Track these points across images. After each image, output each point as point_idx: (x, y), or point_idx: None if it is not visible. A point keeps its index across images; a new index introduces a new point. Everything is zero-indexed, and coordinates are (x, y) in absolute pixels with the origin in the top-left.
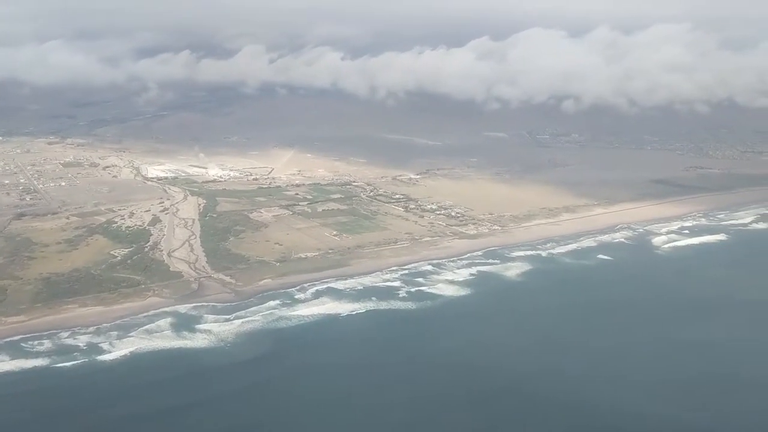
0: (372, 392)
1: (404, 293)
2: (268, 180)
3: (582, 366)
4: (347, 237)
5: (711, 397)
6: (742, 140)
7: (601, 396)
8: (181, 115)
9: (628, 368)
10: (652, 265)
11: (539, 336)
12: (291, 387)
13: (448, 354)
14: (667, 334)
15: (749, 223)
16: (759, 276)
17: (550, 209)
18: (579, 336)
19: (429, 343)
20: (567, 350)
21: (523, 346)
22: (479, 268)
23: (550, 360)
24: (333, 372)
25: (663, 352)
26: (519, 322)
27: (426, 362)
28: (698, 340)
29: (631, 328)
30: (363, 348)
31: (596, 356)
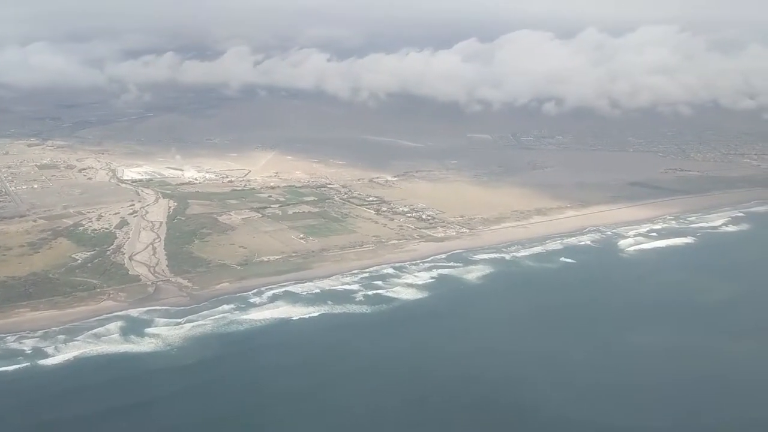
0: (306, 395)
1: (361, 297)
2: (243, 182)
3: (518, 369)
4: (313, 240)
5: (651, 403)
6: (725, 142)
7: (533, 400)
8: (164, 117)
9: (565, 372)
10: (614, 268)
11: (484, 340)
12: (227, 390)
13: (388, 357)
14: (614, 338)
15: (719, 226)
16: (718, 279)
17: (521, 212)
18: (523, 340)
19: (372, 347)
20: (508, 354)
21: (466, 349)
22: (441, 271)
23: (488, 363)
24: (271, 375)
25: (605, 357)
26: (468, 326)
27: (364, 366)
28: (646, 344)
29: (579, 333)
30: (305, 351)
31: (536, 360)
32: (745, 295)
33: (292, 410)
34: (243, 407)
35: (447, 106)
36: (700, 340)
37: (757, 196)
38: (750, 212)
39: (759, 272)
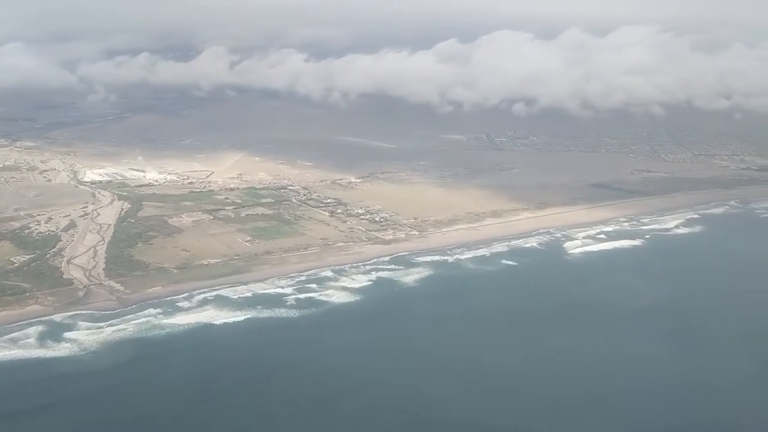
0: (206, 399)
1: (292, 300)
2: (203, 184)
3: (424, 373)
4: (259, 243)
5: (552, 409)
6: (700, 143)
7: (430, 403)
8: (139, 118)
9: (470, 376)
10: (553, 270)
11: (400, 343)
12: (127, 395)
13: (298, 361)
14: (531, 342)
15: (671, 228)
16: (654, 282)
17: (476, 214)
18: (440, 343)
19: (285, 351)
20: (419, 357)
21: (380, 353)
22: (380, 274)
23: (397, 367)
24: (177, 380)
25: (517, 361)
26: (390, 329)
27: (270, 370)
28: (561, 348)
29: (497, 336)
30: (217, 356)
31: (445, 363)
32: (675, 298)
33: (190, 415)
34: (142, 412)
35: (422, 107)
36: (617, 344)
37: (717, 197)
38: (706, 214)
39: (695, 275)
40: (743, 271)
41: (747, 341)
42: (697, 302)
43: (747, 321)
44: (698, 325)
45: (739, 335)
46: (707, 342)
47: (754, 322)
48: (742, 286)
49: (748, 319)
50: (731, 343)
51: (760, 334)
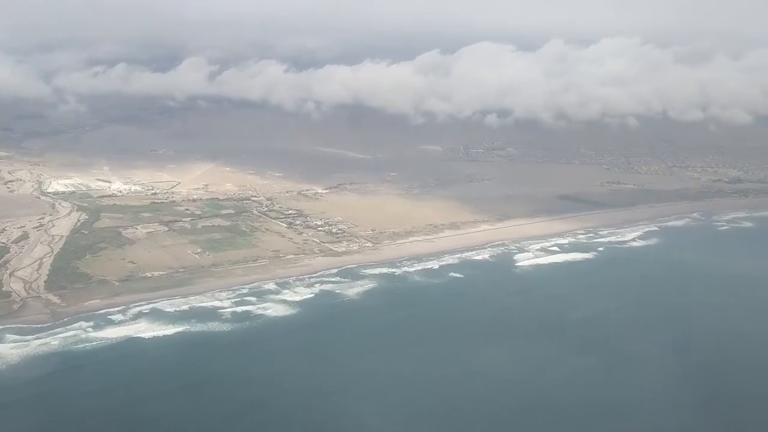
0: (116, 411)
1: (228, 314)
2: (167, 194)
3: (340, 385)
4: (209, 255)
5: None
6: (675, 155)
7: (341, 415)
8: (114, 128)
9: (385, 389)
10: (497, 283)
11: (321, 357)
12: (39, 409)
13: (216, 375)
14: (457, 355)
15: (627, 241)
16: (595, 296)
17: (435, 225)
18: (366, 357)
19: (205, 364)
20: (339, 371)
21: (301, 367)
22: (324, 286)
23: (315, 381)
24: (91, 393)
25: (439, 374)
26: (319, 343)
27: (185, 383)
28: (485, 361)
29: (421, 349)
30: (136, 370)
31: (364, 377)
32: (607, 311)
33: (97, 428)
34: (54, 426)
35: (400, 118)
36: (535, 358)
37: (681, 209)
38: (665, 226)
39: (635, 289)
40: (685, 284)
41: (664, 357)
42: (627, 316)
43: (671, 335)
44: (621, 339)
45: (659, 350)
46: (625, 356)
47: (678, 336)
48: (678, 299)
49: (672, 334)
50: (648, 359)
51: (679, 350)
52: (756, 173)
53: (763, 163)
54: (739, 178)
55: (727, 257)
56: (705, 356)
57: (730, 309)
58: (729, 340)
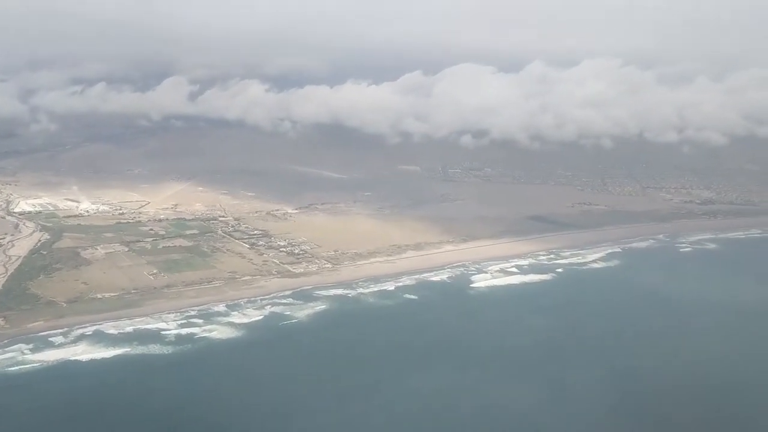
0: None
1: (172, 337)
2: (134, 214)
3: (260, 410)
4: (164, 276)
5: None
6: (652, 176)
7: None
8: (92, 147)
9: (301, 415)
10: (450, 306)
11: (255, 382)
12: None
13: (143, 399)
14: (385, 381)
15: (588, 263)
16: (538, 318)
17: (399, 246)
18: (289, 381)
19: (138, 388)
20: (271, 397)
21: (225, 391)
22: (274, 309)
23: (241, 405)
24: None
25: (359, 400)
26: (254, 368)
27: (114, 408)
28: (416, 387)
29: (353, 373)
30: (65, 394)
31: (286, 401)
32: (556, 336)
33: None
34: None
35: (379, 138)
36: (466, 383)
37: (647, 231)
38: (629, 248)
39: (584, 312)
40: (636, 307)
41: (598, 383)
42: (572, 340)
43: (612, 361)
44: (561, 364)
45: (594, 376)
46: (560, 382)
47: (619, 362)
48: (627, 323)
49: (614, 359)
50: (583, 385)
51: (616, 377)
52: (728, 194)
53: (736, 185)
54: (710, 200)
55: (684, 280)
56: (643, 384)
57: (676, 334)
58: (671, 367)
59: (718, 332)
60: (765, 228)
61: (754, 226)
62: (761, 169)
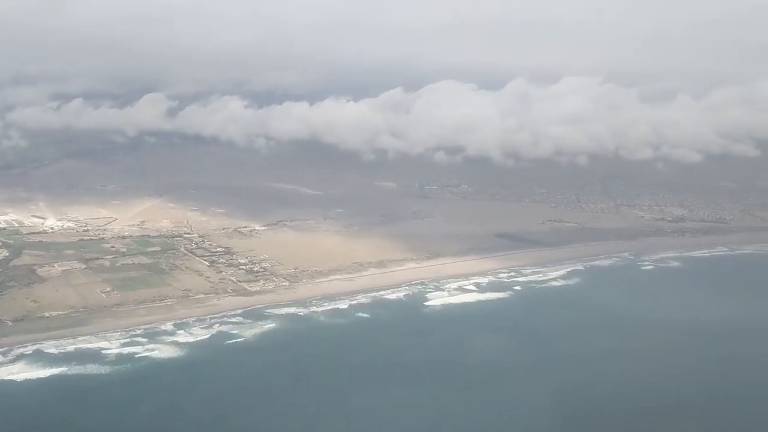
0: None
1: (113, 356)
2: (99, 231)
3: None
4: (117, 294)
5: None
6: (627, 193)
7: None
8: (68, 163)
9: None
10: (401, 324)
11: (190, 402)
12: None
13: (66, 419)
14: (332, 402)
15: (547, 280)
16: (485, 338)
17: (361, 264)
18: (220, 401)
19: (65, 408)
20: (200, 416)
21: (162, 413)
22: (222, 327)
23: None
24: None
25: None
26: (191, 388)
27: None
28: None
29: (301, 394)
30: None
31: (227, 422)
32: (501, 355)
33: None
34: None
35: (357, 155)
36: (411, 402)
37: (613, 249)
38: (591, 266)
39: (538, 330)
40: (586, 326)
41: (535, 404)
42: (516, 360)
43: (545, 382)
44: (495, 384)
45: (532, 397)
46: (496, 403)
47: (553, 383)
48: (572, 342)
49: (547, 381)
50: (519, 406)
51: (553, 397)
52: (701, 212)
53: (711, 202)
54: (682, 217)
55: (640, 299)
56: (579, 405)
57: (620, 354)
58: (610, 388)
59: (664, 352)
60: (731, 246)
61: (721, 245)
62: (737, 187)
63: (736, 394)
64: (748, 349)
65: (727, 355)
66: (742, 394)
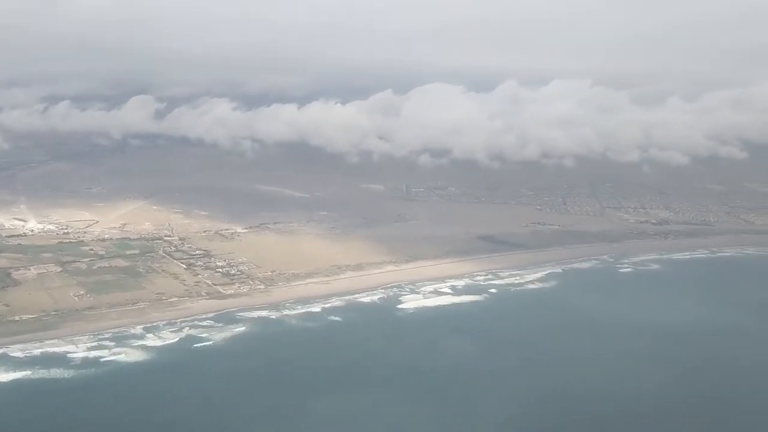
0: None
1: (78, 360)
2: (80, 234)
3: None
4: (90, 297)
5: None
6: (615, 195)
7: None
8: (55, 165)
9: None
10: (372, 327)
11: (149, 406)
12: None
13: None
14: (293, 406)
15: (524, 283)
16: (461, 341)
17: (339, 267)
18: (179, 404)
19: (23, 413)
20: (159, 421)
21: (118, 417)
22: (192, 331)
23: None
24: None
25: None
26: (153, 392)
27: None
28: (320, 413)
29: (262, 398)
30: None
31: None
32: (469, 359)
33: None
34: None
35: (345, 157)
36: (368, 408)
37: (593, 251)
38: (570, 269)
39: (508, 334)
40: (556, 329)
41: (495, 412)
42: (479, 363)
43: (510, 386)
44: (459, 388)
45: (489, 403)
46: (455, 409)
47: (518, 387)
48: (542, 345)
49: (511, 384)
50: (478, 414)
51: (509, 403)
52: (686, 214)
53: (697, 204)
54: (666, 220)
55: (614, 302)
56: (544, 409)
57: (589, 357)
58: (576, 392)
59: (631, 355)
60: (712, 249)
61: (703, 247)
62: (724, 189)
63: (702, 397)
64: (714, 351)
65: (693, 358)
66: (708, 396)
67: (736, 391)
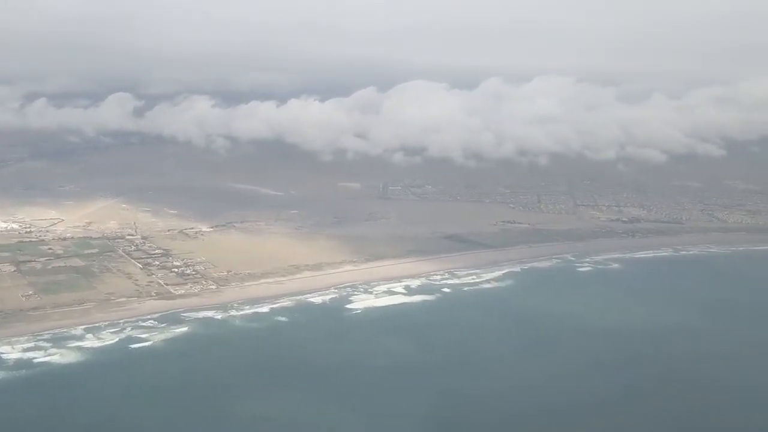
0: None
1: (11, 362)
2: (41, 233)
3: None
4: (38, 297)
5: None
6: (591, 193)
7: None
8: (29, 164)
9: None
10: (317, 328)
11: (74, 407)
12: None
13: None
14: (220, 407)
15: (480, 282)
16: (401, 342)
17: (297, 267)
18: (103, 408)
19: None
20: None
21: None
22: (133, 332)
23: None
24: None
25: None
26: (79, 394)
27: None
28: (250, 415)
29: (189, 400)
30: None
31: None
32: (407, 360)
33: None
34: None
35: (324, 155)
36: (298, 407)
37: (556, 250)
38: (529, 268)
39: (452, 335)
40: (502, 329)
41: (419, 411)
42: (416, 363)
43: (442, 386)
44: (390, 388)
45: (418, 403)
46: (384, 411)
47: (450, 387)
48: (482, 345)
49: (444, 385)
50: (402, 413)
51: (438, 403)
52: (659, 212)
53: (672, 202)
54: (638, 218)
55: (564, 301)
56: (473, 410)
57: (530, 357)
58: (502, 391)
59: (568, 354)
60: (677, 247)
61: (669, 245)
62: (701, 186)
63: (634, 396)
64: (649, 350)
65: (632, 356)
66: (640, 395)
67: (660, 390)
